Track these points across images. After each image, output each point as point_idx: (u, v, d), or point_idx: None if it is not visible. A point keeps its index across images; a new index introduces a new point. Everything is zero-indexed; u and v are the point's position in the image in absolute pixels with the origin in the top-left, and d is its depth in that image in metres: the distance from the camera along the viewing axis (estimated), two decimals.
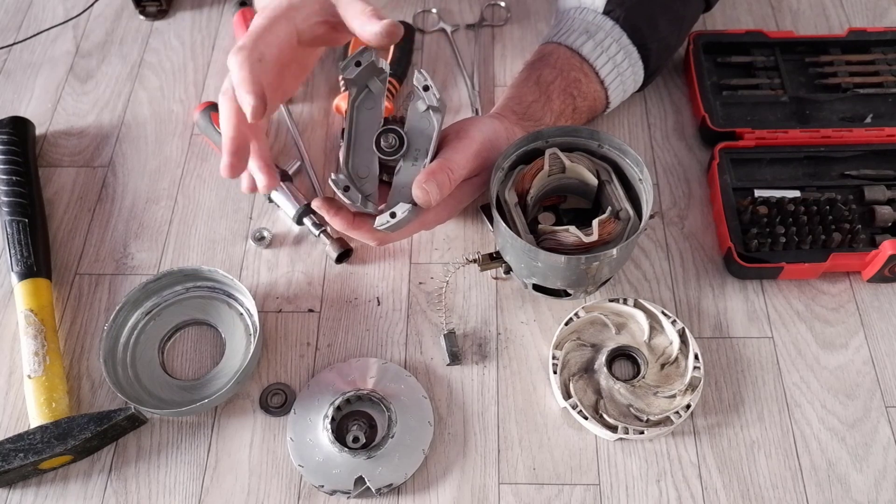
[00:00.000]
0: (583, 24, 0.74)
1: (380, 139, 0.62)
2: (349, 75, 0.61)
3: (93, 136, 0.84)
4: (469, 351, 0.68)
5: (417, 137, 0.63)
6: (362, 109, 0.63)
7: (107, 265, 0.74)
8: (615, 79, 0.74)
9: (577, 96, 0.73)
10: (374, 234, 0.64)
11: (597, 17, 0.74)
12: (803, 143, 0.77)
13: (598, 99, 0.75)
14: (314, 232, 0.73)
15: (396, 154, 0.62)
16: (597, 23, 0.74)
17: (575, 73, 0.73)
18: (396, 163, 0.63)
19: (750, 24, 0.90)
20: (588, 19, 0.74)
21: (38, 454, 0.60)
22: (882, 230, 0.73)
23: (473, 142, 0.64)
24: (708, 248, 0.74)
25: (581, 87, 0.73)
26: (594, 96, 0.75)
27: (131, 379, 0.67)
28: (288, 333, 0.70)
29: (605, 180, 0.66)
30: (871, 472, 0.62)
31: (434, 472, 0.63)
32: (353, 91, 0.63)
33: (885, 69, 0.83)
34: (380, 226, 0.61)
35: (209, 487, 0.63)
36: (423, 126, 0.63)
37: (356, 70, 0.61)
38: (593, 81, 0.74)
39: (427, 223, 0.67)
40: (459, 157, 0.62)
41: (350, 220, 0.63)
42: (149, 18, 0.93)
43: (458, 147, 0.63)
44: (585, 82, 0.74)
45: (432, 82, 0.61)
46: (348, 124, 0.63)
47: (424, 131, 0.63)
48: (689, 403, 0.63)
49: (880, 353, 0.68)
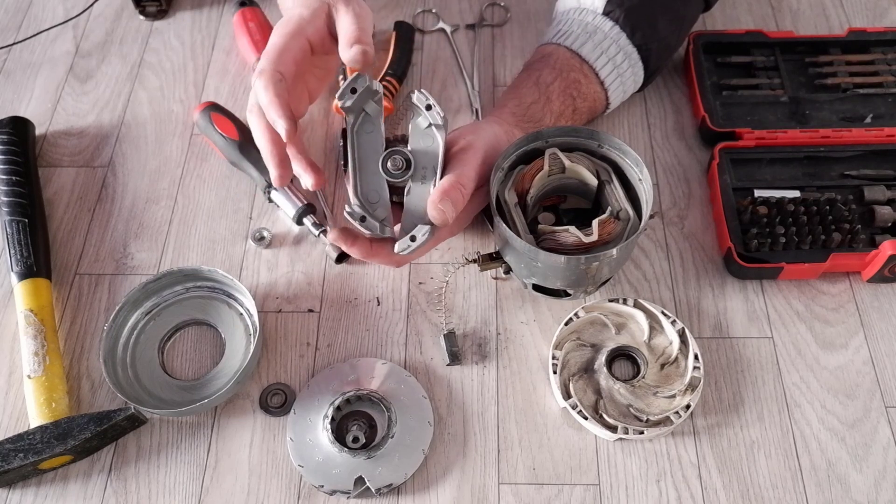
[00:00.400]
0: (582, 26, 0.74)
1: (386, 162, 0.62)
2: (346, 103, 0.61)
3: (93, 136, 0.84)
4: (469, 351, 0.68)
5: (422, 156, 0.63)
6: (362, 134, 0.63)
7: (107, 265, 0.74)
8: (615, 80, 0.75)
9: (577, 97, 0.73)
10: (392, 258, 0.63)
11: (596, 17, 0.74)
12: (803, 143, 0.77)
13: (597, 100, 0.76)
14: (314, 232, 0.73)
15: (404, 175, 0.62)
16: (596, 24, 0.74)
17: (575, 74, 0.73)
18: (405, 184, 0.63)
19: (750, 24, 0.90)
20: (587, 20, 0.74)
21: (38, 454, 0.60)
22: (882, 230, 0.73)
23: (478, 152, 0.64)
24: (708, 249, 0.74)
25: (581, 88, 0.73)
26: (594, 97, 0.75)
27: (131, 379, 0.67)
28: (288, 333, 0.70)
29: (605, 180, 0.66)
30: (871, 472, 0.62)
31: (434, 473, 0.63)
32: (350, 118, 0.62)
33: (884, 69, 0.83)
34: (401, 251, 0.60)
35: (209, 487, 0.63)
36: (426, 143, 0.63)
37: (353, 97, 0.61)
38: (593, 82, 0.74)
39: (442, 238, 0.67)
40: (468, 170, 0.62)
41: (368, 247, 0.62)
42: (149, 18, 0.93)
43: (465, 160, 0.62)
44: (585, 83, 0.74)
45: (434, 100, 0.61)
46: (351, 151, 0.63)
47: (429, 148, 0.63)
48: (689, 403, 0.63)
49: (880, 354, 0.68)
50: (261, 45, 0.84)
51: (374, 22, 0.90)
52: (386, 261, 0.65)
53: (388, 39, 0.88)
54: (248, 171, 0.77)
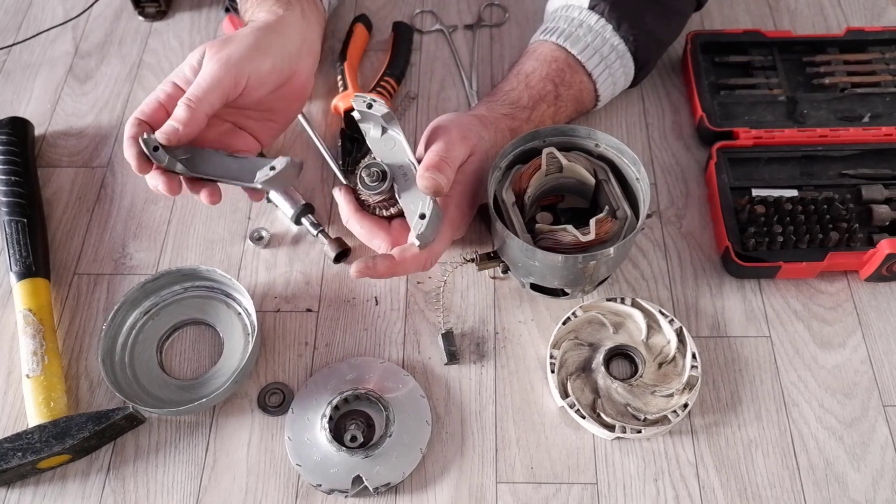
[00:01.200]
0: (568, 21, 0.75)
1: (363, 176, 0.64)
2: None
3: (92, 136, 0.84)
4: (467, 350, 0.68)
5: (396, 167, 0.64)
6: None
7: (105, 265, 0.74)
8: (603, 71, 0.75)
9: (560, 84, 0.74)
10: (419, 260, 0.63)
11: (582, 12, 0.75)
12: (801, 142, 0.77)
13: (584, 90, 0.76)
14: (312, 232, 0.73)
15: (381, 186, 0.64)
16: (582, 18, 0.75)
17: (558, 65, 0.74)
18: (384, 195, 0.65)
19: (748, 24, 0.90)
20: (573, 16, 0.75)
21: (37, 453, 0.60)
22: (879, 229, 0.73)
23: (445, 130, 0.65)
24: (705, 248, 0.74)
25: (565, 76, 0.74)
26: (580, 87, 0.75)
27: (129, 378, 0.67)
28: (286, 333, 0.70)
29: (603, 179, 0.66)
30: (869, 471, 0.62)
31: (432, 472, 0.63)
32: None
33: (882, 68, 0.83)
34: (417, 233, 0.61)
35: (207, 487, 0.63)
36: (389, 147, 0.65)
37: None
38: (579, 73, 0.74)
39: (454, 221, 0.66)
40: (442, 143, 0.63)
41: (392, 261, 0.63)
42: (148, 19, 0.93)
43: (435, 139, 0.64)
44: (570, 73, 0.74)
45: (371, 96, 0.63)
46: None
47: (394, 150, 0.65)
48: (687, 402, 0.63)
49: (878, 353, 0.68)
50: None
51: (374, 22, 0.91)
52: (414, 265, 0.64)
53: (387, 39, 0.88)
54: None
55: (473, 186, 0.68)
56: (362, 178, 0.64)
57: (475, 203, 0.69)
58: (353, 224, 0.67)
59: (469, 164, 0.66)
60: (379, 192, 0.64)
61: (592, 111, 0.81)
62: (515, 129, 0.71)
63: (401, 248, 0.63)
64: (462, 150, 0.64)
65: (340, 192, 0.68)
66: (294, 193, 0.74)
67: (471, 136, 0.66)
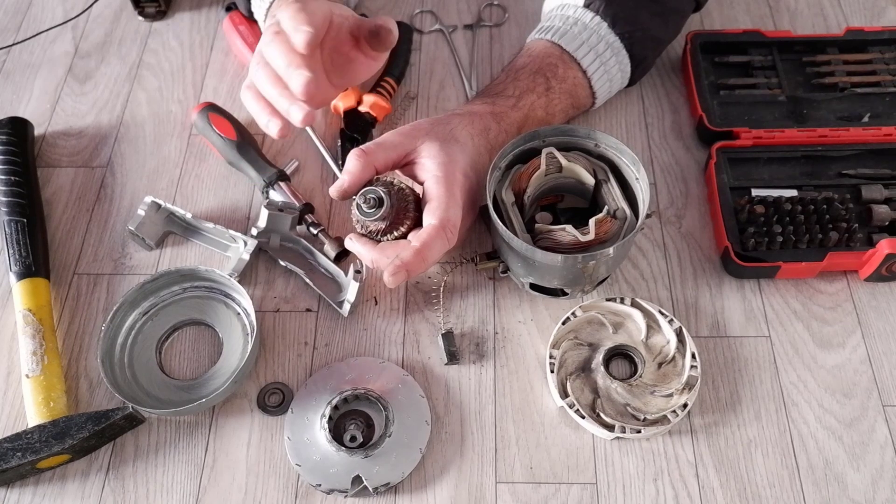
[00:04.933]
0: (563, 19, 0.76)
1: (361, 206, 0.62)
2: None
3: (91, 136, 0.84)
4: (466, 350, 0.68)
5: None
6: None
7: (105, 265, 0.74)
8: (598, 68, 0.75)
9: (552, 77, 0.74)
10: (437, 234, 0.62)
11: (577, 10, 0.75)
12: (800, 142, 0.77)
13: (579, 85, 0.76)
14: (312, 231, 0.73)
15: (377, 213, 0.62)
16: (577, 16, 0.75)
17: (551, 60, 0.74)
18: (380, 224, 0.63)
19: (747, 24, 0.90)
20: (568, 14, 0.76)
21: (36, 453, 0.60)
22: (879, 229, 0.73)
23: (456, 182, 0.64)
24: (705, 248, 0.74)
25: (557, 71, 0.74)
26: (574, 82, 0.75)
27: (129, 378, 0.67)
28: (286, 333, 0.70)
29: (602, 179, 0.66)
30: (868, 470, 0.62)
31: (431, 472, 0.63)
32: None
33: (882, 68, 0.83)
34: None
35: (207, 487, 0.63)
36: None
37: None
38: (572, 68, 0.75)
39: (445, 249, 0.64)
40: (453, 213, 0.62)
41: (414, 249, 0.61)
42: (147, 19, 0.93)
43: (444, 195, 0.62)
44: (563, 68, 0.74)
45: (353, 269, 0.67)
46: None
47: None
48: (686, 402, 0.63)
49: (877, 352, 0.68)
50: (254, 45, 0.84)
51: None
52: (439, 243, 0.61)
53: None
54: (246, 172, 0.77)
55: (472, 194, 0.68)
56: (359, 205, 0.62)
57: (474, 209, 0.69)
58: (380, 258, 0.63)
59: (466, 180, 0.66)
60: (378, 217, 0.62)
61: (591, 110, 0.81)
62: (498, 115, 0.71)
63: (415, 234, 0.62)
64: (456, 210, 0.63)
65: (353, 240, 0.65)
66: (295, 193, 0.74)
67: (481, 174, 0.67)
